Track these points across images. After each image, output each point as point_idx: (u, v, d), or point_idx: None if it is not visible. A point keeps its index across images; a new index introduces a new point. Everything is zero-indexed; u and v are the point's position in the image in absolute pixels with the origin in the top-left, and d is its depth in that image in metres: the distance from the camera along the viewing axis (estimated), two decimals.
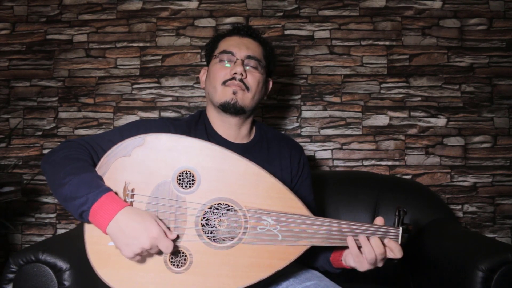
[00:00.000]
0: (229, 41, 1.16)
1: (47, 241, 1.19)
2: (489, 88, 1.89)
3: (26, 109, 1.92)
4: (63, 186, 0.87)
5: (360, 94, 1.90)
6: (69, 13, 1.93)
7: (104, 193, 0.85)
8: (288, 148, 1.22)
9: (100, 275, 0.89)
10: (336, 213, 1.62)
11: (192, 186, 0.93)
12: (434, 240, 1.41)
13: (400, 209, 0.99)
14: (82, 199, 0.84)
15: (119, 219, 0.83)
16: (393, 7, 1.92)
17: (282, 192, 0.96)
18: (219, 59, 1.13)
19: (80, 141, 1.00)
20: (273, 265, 0.94)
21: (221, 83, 1.11)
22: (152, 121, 1.13)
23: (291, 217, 0.95)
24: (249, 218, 0.94)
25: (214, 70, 1.14)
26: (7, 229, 1.88)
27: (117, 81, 1.92)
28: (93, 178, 0.87)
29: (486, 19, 1.91)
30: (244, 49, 1.13)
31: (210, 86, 1.14)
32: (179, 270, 0.91)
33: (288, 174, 1.20)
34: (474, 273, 1.10)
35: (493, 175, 1.87)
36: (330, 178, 1.70)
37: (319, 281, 1.07)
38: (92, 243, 0.90)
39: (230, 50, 1.13)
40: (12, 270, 1.08)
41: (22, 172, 1.90)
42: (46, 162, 0.95)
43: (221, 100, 1.11)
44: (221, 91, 1.11)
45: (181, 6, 1.93)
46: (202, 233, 0.92)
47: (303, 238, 0.95)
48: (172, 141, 0.94)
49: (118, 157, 0.92)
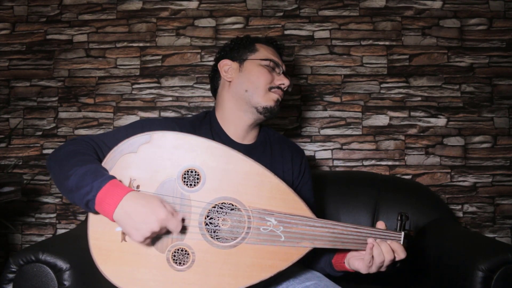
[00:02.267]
0: (268, 49, 1.21)
1: (47, 241, 1.19)
2: (489, 88, 1.89)
3: (26, 109, 1.92)
4: (69, 178, 0.87)
5: (360, 94, 1.90)
6: (69, 13, 1.93)
7: (108, 180, 0.85)
8: (290, 151, 1.24)
9: (102, 270, 0.89)
10: (336, 213, 1.62)
11: (197, 184, 0.93)
12: (434, 240, 1.41)
13: (402, 214, 1.02)
14: (87, 188, 0.85)
15: (125, 205, 0.83)
16: (393, 7, 1.92)
17: (286, 193, 0.96)
18: (266, 64, 1.17)
19: (85, 138, 1.01)
20: (275, 266, 0.94)
21: (268, 88, 1.16)
22: (156, 120, 1.14)
23: (294, 219, 0.95)
24: (253, 218, 0.94)
25: (259, 73, 1.16)
26: (7, 229, 1.88)
27: (117, 81, 1.92)
28: (97, 168, 0.88)
29: (486, 19, 1.91)
30: (283, 65, 1.22)
31: (251, 85, 1.15)
32: (181, 268, 0.91)
33: (289, 177, 1.21)
34: (474, 273, 1.10)
35: (493, 175, 1.87)
36: (330, 178, 1.70)
37: (319, 281, 1.08)
38: (95, 238, 0.90)
39: (277, 61, 1.19)
40: (12, 270, 1.08)
41: (22, 172, 1.90)
42: (51, 159, 0.96)
43: (265, 103, 1.15)
44: (265, 95, 1.15)
45: (181, 6, 1.93)
46: (206, 231, 0.93)
47: (306, 240, 0.95)
48: (179, 139, 0.94)
49: (124, 154, 0.92)
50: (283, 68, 1.21)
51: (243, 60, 1.19)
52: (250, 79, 1.16)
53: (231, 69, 1.19)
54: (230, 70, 1.19)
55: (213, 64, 1.26)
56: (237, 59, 1.20)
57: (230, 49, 1.23)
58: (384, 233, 0.99)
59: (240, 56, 1.20)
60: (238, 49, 1.21)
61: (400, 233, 1.00)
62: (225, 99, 1.19)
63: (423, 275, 1.41)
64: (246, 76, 1.16)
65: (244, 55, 1.19)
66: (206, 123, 1.18)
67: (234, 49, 1.22)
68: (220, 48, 1.27)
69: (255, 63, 1.17)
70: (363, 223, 1.60)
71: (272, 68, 1.18)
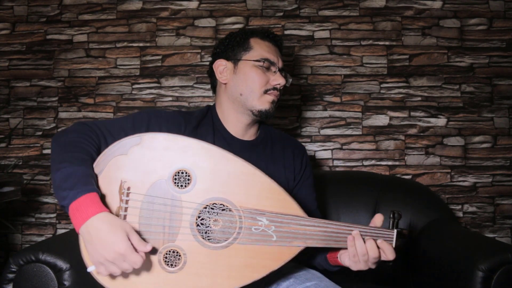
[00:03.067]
0: (264, 46, 1.17)
1: (47, 241, 1.19)
2: (489, 88, 1.89)
3: (26, 109, 1.92)
4: (57, 171, 0.88)
5: (360, 94, 1.90)
6: (69, 13, 1.93)
7: (84, 193, 0.84)
8: (291, 148, 1.24)
9: (93, 273, 0.89)
10: (336, 213, 1.62)
11: (188, 185, 0.93)
12: (434, 240, 1.41)
13: (394, 212, 1.01)
14: (64, 193, 0.85)
15: (90, 225, 0.83)
16: (393, 7, 1.92)
17: (278, 193, 0.96)
18: (260, 65, 1.14)
19: (93, 125, 1.01)
20: (267, 266, 0.94)
21: (263, 91, 1.13)
22: (164, 112, 1.13)
23: (286, 218, 0.95)
24: (244, 218, 0.94)
25: (254, 75, 1.13)
26: (7, 229, 1.88)
27: (117, 81, 1.92)
28: (83, 174, 0.87)
29: (486, 19, 1.91)
30: (280, 60, 1.18)
31: (246, 88, 1.13)
32: (173, 269, 0.91)
33: (291, 173, 1.21)
34: (474, 273, 1.10)
35: (493, 175, 1.87)
36: (330, 178, 1.70)
37: (320, 282, 1.07)
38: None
39: (272, 60, 1.15)
40: (12, 270, 1.08)
41: (22, 172, 1.90)
42: (55, 140, 0.96)
43: (260, 107, 1.13)
44: (261, 98, 1.13)
45: (181, 6, 1.93)
46: (197, 232, 0.92)
47: (298, 239, 0.95)
48: (169, 140, 0.94)
49: (115, 155, 0.92)
50: (279, 65, 1.17)
51: (237, 61, 1.16)
52: (244, 82, 1.14)
53: (226, 69, 1.17)
54: (225, 71, 1.17)
55: (210, 61, 1.24)
56: (232, 58, 1.17)
57: (225, 46, 1.19)
58: (376, 231, 0.98)
59: (235, 55, 1.17)
60: (232, 47, 1.17)
61: (392, 230, 0.99)
62: (223, 99, 1.19)
63: (423, 275, 1.40)
64: (240, 78, 1.14)
65: (238, 55, 1.16)
66: (208, 118, 1.18)
67: (229, 46, 1.18)
68: (216, 44, 1.24)
69: (249, 64, 1.14)
70: (363, 223, 1.59)
71: (267, 68, 1.14)
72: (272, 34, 1.21)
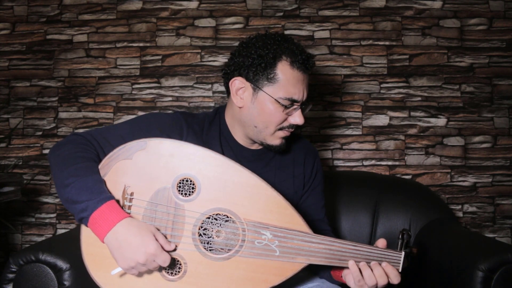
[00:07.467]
0: (291, 78, 1.01)
1: (47, 241, 1.19)
2: (489, 88, 1.89)
3: (26, 109, 1.92)
4: (66, 188, 0.86)
5: (360, 94, 1.90)
6: (69, 13, 1.93)
7: (104, 202, 0.84)
8: (302, 153, 1.19)
9: (94, 277, 0.89)
10: (336, 213, 1.62)
11: (192, 194, 0.92)
12: (434, 240, 1.41)
13: (404, 232, 0.96)
14: (82, 205, 0.84)
15: (117, 231, 0.83)
16: (393, 7, 1.92)
17: (283, 207, 0.94)
18: (281, 104, 1.01)
19: (87, 136, 0.98)
20: (268, 281, 0.92)
21: (277, 128, 1.05)
22: (165, 115, 1.08)
23: (290, 233, 0.93)
24: (247, 231, 0.92)
25: (273, 112, 1.02)
26: (7, 229, 1.88)
27: (117, 81, 1.92)
28: (95, 183, 0.86)
29: (486, 19, 1.90)
30: (305, 92, 1.05)
31: (261, 123, 1.04)
32: (172, 278, 0.90)
33: (300, 181, 1.18)
34: (474, 273, 1.10)
35: (493, 175, 1.87)
36: (330, 178, 1.70)
37: (321, 283, 1.07)
38: (88, 244, 0.89)
39: (297, 98, 1.02)
40: (12, 270, 1.08)
41: (22, 172, 1.90)
42: (52, 155, 0.94)
43: (270, 142, 1.06)
44: (273, 134, 1.05)
45: (181, 6, 1.93)
46: (199, 242, 0.91)
47: (301, 256, 0.93)
48: (175, 147, 0.92)
49: (119, 160, 0.91)
50: (304, 97, 1.04)
51: (258, 89, 1.02)
52: (261, 116, 1.03)
53: (244, 91, 1.04)
54: (242, 92, 1.04)
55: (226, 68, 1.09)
56: (253, 82, 1.02)
57: (248, 65, 1.02)
58: (383, 253, 0.94)
59: (257, 81, 1.02)
60: (256, 70, 1.01)
61: (400, 253, 0.95)
62: (235, 116, 1.09)
63: (423, 275, 1.40)
64: (257, 109, 1.03)
65: (260, 82, 1.02)
66: (215, 125, 1.11)
67: (252, 67, 1.02)
68: (237, 50, 1.07)
69: (271, 99, 1.01)
70: (363, 223, 1.60)
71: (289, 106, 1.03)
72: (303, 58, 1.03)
